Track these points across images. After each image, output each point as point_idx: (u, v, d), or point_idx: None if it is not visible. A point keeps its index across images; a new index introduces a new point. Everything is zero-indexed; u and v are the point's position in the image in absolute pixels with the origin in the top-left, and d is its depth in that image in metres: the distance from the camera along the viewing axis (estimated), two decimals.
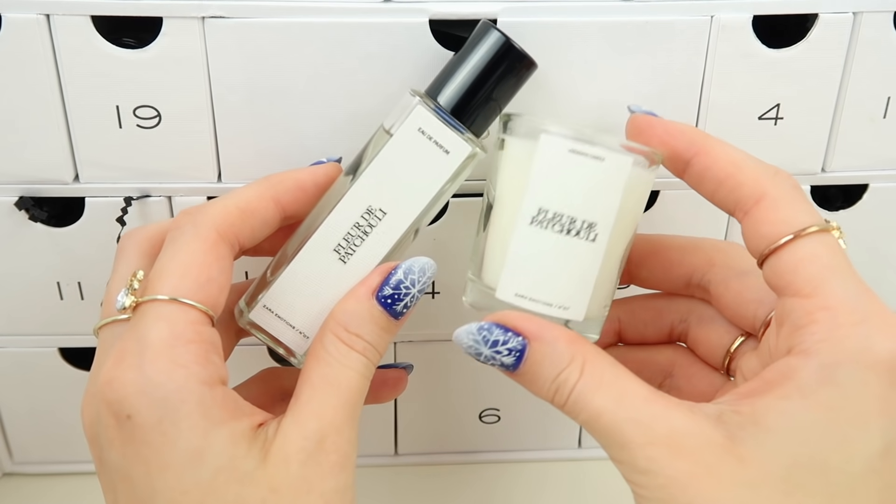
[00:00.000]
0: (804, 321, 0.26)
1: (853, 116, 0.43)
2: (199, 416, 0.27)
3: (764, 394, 0.26)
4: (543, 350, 0.28)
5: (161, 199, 0.43)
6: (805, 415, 0.25)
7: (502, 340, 0.28)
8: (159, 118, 0.40)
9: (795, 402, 0.25)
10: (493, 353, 0.28)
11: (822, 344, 0.25)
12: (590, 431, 0.27)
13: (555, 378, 0.28)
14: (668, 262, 0.35)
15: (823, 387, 0.25)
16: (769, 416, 0.25)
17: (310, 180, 0.35)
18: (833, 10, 0.40)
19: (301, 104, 0.40)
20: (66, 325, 0.46)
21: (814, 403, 0.25)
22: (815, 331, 0.26)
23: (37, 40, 0.38)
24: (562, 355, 0.28)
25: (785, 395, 0.25)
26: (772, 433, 0.25)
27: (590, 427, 0.27)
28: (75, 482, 0.50)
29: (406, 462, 0.52)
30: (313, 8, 0.38)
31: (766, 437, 0.25)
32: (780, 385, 0.26)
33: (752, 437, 0.25)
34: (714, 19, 0.40)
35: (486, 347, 0.29)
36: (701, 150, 0.31)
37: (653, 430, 0.26)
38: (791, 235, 0.27)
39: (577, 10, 0.39)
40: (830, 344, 0.25)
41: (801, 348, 0.26)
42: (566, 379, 0.27)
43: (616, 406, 0.27)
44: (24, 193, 0.42)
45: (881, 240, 0.47)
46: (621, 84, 0.41)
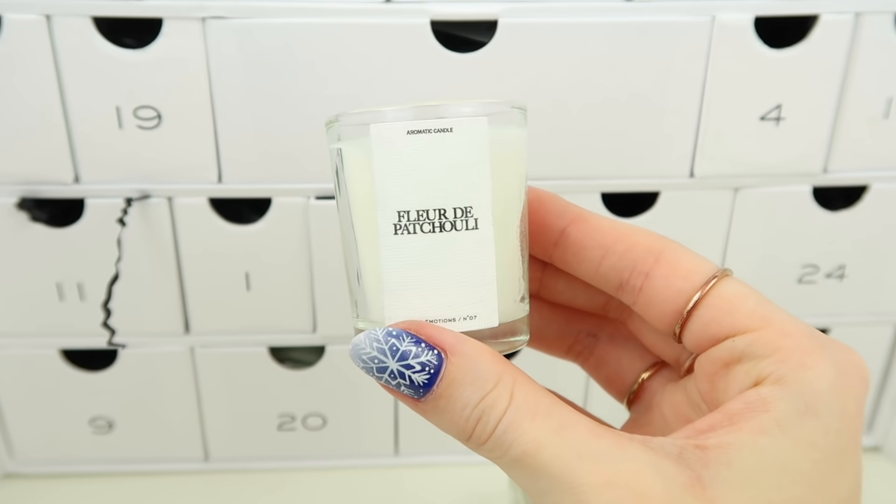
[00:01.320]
0: (768, 350, 0.23)
1: (854, 117, 0.43)
2: None
3: (732, 428, 0.22)
4: (464, 367, 0.23)
5: (161, 199, 0.43)
6: (786, 454, 0.22)
7: (414, 353, 0.23)
8: (160, 119, 0.40)
9: (775, 438, 0.22)
10: (402, 369, 0.23)
11: (797, 371, 0.23)
12: (520, 472, 0.22)
13: (477, 403, 0.23)
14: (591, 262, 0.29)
15: (805, 419, 0.22)
16: (743, 454, 0.22)
17: None
18: (834, 11, 0.40)
19: (301, 105, 0.40)
20: (67, 326, 0.46)
21: (795, 439, 0.22)
22: (786, 357, 0.23)
23: (37, 41, 0.38)
24: (487, 374, 0.23)
25: (761, 430, 0.22)
26: (746, 473, 0.22)
27: (523, 465, 0.22)
28: (75, 482, 0.50)
29: (407, 462, 0.52)
30: (314, 9, 0.38)
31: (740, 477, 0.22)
32: (751, 418, 0.22)
33: (722, 479, 0.22)
34: (715, 20, 0.40)
35: (393, 360, 0.23)
36: (577, 217, 0.27)
37: (610, 470, 0.21)
38: (712, 281, 0.25)
39: (577, 10, 0.39)
40: (806, 370, 0.23)
41: (773, 378, 0.23)
42: (493, 404, 0.22)
43: (558, 439, 0.22)
44: (24, 194, 0.42)
45: (881, 240, 0.47)
46: (622, 84, 0.41)
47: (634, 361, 0.30)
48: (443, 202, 0.24)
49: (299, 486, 0.50)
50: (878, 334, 0.50)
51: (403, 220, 0.24)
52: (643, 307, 0.26)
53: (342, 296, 0.46)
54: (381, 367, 0.23)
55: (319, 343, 0.48)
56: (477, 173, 0.24)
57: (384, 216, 0.24)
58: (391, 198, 0.24)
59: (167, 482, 0.50)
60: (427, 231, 0.24)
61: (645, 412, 0.29)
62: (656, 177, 0.43)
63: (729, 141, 0.43)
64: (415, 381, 0.23)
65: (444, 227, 0.24)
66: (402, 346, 0.23)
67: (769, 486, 0.22)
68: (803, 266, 0.47)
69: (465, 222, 0.24)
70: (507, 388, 0.23)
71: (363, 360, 0.24)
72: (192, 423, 0.50)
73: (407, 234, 0.24)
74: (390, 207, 0.24)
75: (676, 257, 0.26)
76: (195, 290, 0.45)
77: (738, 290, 0.25)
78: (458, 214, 0.24)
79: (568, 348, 0.32)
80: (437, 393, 0.23)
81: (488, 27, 0.39)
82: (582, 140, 0.42)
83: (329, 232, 0.44)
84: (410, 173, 0.24)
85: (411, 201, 0.24)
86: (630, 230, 0.27)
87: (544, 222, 0.28)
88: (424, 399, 0.23)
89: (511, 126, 0.25)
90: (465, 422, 0.23)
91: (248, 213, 0.45)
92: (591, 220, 0.27)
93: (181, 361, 0.47)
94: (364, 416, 0.50)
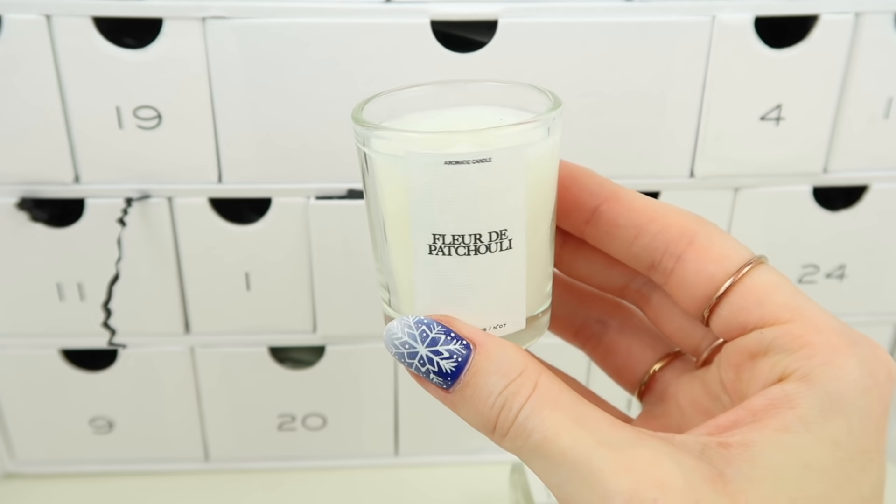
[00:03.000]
0: (796, 345, 0.23)
1: (854, 117, 0.43)
2: None
3: (756, 425, 0.22)
4: (492, 356, 0.23)
5: (161, 199, 0.43)
6: (810, 451, 0.22)
7: (443, 340, 0.24)
8: (160, 119, 0.40)
9: (799, 436, 0.22)
10: (431, 354, 0.24)
11: (824, 368, 0.23)
12: (540, 462, 0.23)
13: (502, 391, 0.23)
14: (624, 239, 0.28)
15: (830, 418, 0.22)
16: (766, 451, 0.22)
17: None
18: (834, 11, 0.40)
19: (302, 105, 0.40)
20: (67, 326, 0.46)
21: (819, 437, 0.22)
22: (813, 353, 0.23)
23: (38, 41, 0.38)
24: (513, 364, 0.23)
25: (785, 428, 0.22)
26: (769, 471, 0.22)
27: (542, 453, 0.22)
28: (75, 482, 0.50)
29: (407, 462, 0.52)
30: (314, 9, 0.38)
31: (763, 475, 0.22)
32: (775, 415, 0.22)
33: (745, 475, 0.21)
34: (715, 20, 0.40)
35: (423, 346, 0.24)
36: (610, 196, 0.27)
37: (629, 457, 0.21)
38: (745, 268, 0.24)
39: (577, 10, 0.39)
40: (833, 368, 0.22)
41: (799, 374, 0.23)
42: (516, 392, 0.23)
43: (578, 427, 0.22)
44: (24, 194, 0.42)
45: (881, 240, 0.47)
46: (622, 84, 0.41)
47: (645, 352, 0.30)
48: (478, 227, 0.24)
49: (299, 486, 0.50)
50: (878, 334, 0.50)
51: (438, 243, 0.24)
52: (673, 289, 0.26)
53: (342, 296, 0.46)
54: (412, 353, 0.24)
55: (319, 343, 0.48)
56: (514, 198, 0.24)
57: (418, 237, 0.24)
58: (426, 223, 0.24)
59: (167, 482, 0.50)
60: (462, 254, 0.24)
61: (659, 403, 0.29)
62: (656, 177, 0.43)
63: (729, 141, 0.43)
64: (443, 369, 0.24)
65: (478, 249, 0.24)
66: (433, 332, 0.24)
67: (792, 484, 0.21)
68: (803, 266, 0.47)
69: (499, 244, 0.24)
70: (531, 378, 0.23)
71: (395, 346, 0.24)
72: (192, 423, 0.50)
73: (441, 255, 0.24)
74: (426, 230, 0.24)
75: (711, 241, 0.25)
76: (195, 290, 0.45)
77: (771, 280, 0.24)
78: (493, 238, 0.24)
79: (575, 332, 0.31)
80: (465, 381, 0.24)
81: (488, 27, 0.39)
82: (582, 140, 0.42)
83: (329, 232, 0.44)
84: (447, 202, 0.23)
85: (447, 227, 0.24)
86: (665, 210, 0.26)
87: (577, 200, 0.27)
88: (452, 389, 0.24)
89: (548, 135, 0.25)
90: (490, 410, 0.23)
91: (248, 213, 0.45)
92: (625, 199, 0.27)
93: (181, 361, 0.47)
94: (364, 416, 0.50)
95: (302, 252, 0.44)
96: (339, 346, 0.48)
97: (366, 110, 0.25)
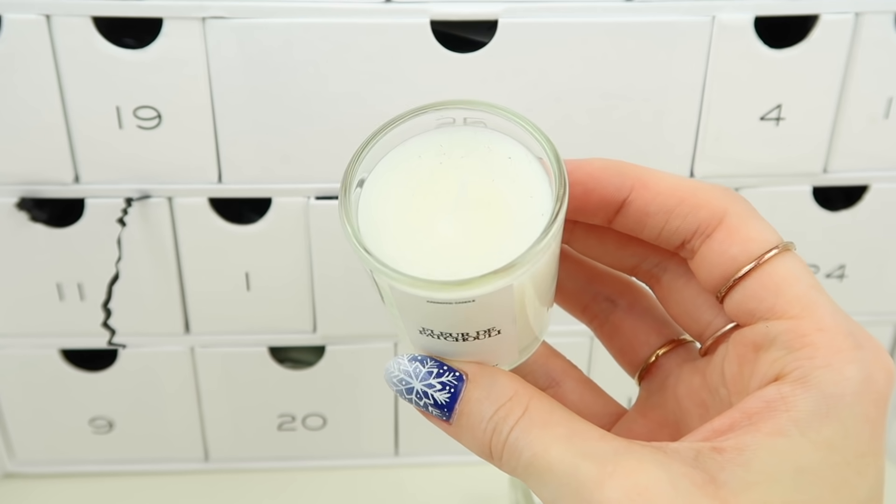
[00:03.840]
0: (798, 344, 0.23)
1: (854, 117, 0.43)
2: None
3: (749, 429, 0.22)
4: (482, 384, 0.24)
5: (161, 199, 0.43)
6: (804, 455, 0.22)
7: (436, 373, 0.25)
8: (160, 119, 0.40)
9: (793, 439, 0.22)
10: (426, 388, 0.25)
11: (822, 371, 0.22)
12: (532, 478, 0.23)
13: (492, 416, 0.24)
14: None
15: (825, 422, 0.22)
16: (760, 455, 0.22)
17: None
18: (834, 11, 0.40)
19: (302, 105, 0.40)
20: (67, 326, 0.46)
21: (814, 441, 0.22)
22: (814, 355, 0.23)
23: (37, 41, 0.38)
24: (503, 389, 0.24)
25: (779, 431, 0.22)
26: (763, 475, 0.21)
27: (533, 470, 0.23)
28: (76, 482, 0.50)
29: (407, 462, 0.52)
30: (314, 9, 0.38)
31: (756, 479, 0.21)
32: (769, 418, 0.22)
33: (739, 480, 0.21)
34: (715, 20, 0.40)
35: (417, 381, 0.25)
36: (637, 182, 0.26)
37: (612, 466, 0.21)
38: (769, 254, 0.24)
39: (577, 10, 0.39)
40: (832, 371, 0.22)
41: (796, 375, 0.23)
42: (506, 415, 0.24)
43: (566, 443, 0.22)
44: (24, 194, 0.42)
45: (882, 240, 0.47)
46: (623, 85, 0.41)
47: (651, 335, 0.30)
48: (467, 329, 0.24)
49: (299, 486, 0.50)
50: (878, 334, 0.50)
51: (427, 332, 0.25)
52: (696, 266, 0.26)
53: (342, 296, 0.46)
54: (409, 388, 0.25)
55: (319, 343, 0.48)
56: (502, 316, 0.24)
57: (410, 325, 0.25)
58: (414, 323, 0.25)
59: (167, 482, 0.50)
60: (450, 341, 0.25)
61: (657, 391, 0.29)
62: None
63: (729, 141, 0.43)
64: (438, 401, 0.25)
65: (466, 338, 0.25)
66: (425, 367, 0.25)
67: (786, 488, 0.21)
68: None
69: (487, 333, 0.24)
70: (521, 402, 0.24)
71: (393, 382, 0.26)
72: (192, 423, 0.50)
73: (432, 338, 0.25)
74: (415, 325, 0.25)
75: (740, 221, 0.25)
76: (195, 290, 0.45)
77: (791, 271, 0.24)
78: (480, 335, 0.24)
79: (584, 308, 0.31)
80: (459, 411, 0.25)
81: (488, 27, 0.39)
82: (582, 140, 0.42)
83: (329, 232, 0.44)
84: (432, 320, 0.24)
85: (435, 327, 0.24)
86: (694, 188, 0.26)
87: (602, 199, 0.27)
88: (451, 420, 0.25)
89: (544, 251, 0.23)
90: (483, 434, 0.24)
91: (248, 213, 0.44)
92: (651, 185, 0.26)
93: (181, 361, 0.47)
94: (364, 416, 0.50)
95: (302, 252, 0.44)
96: (339, 346, 0.48)
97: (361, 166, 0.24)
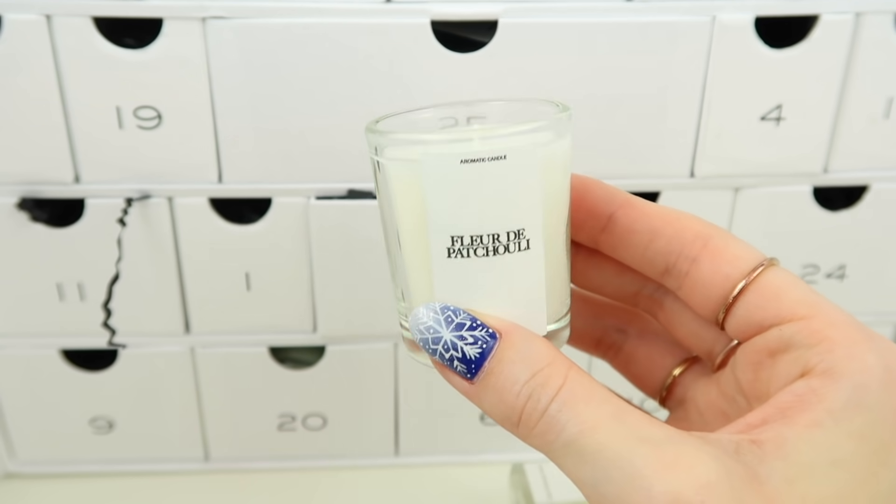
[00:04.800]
0: (815, 339, 0.23)
1: (854, 117, 0.43)
2: None
3: (785, 421, 0.22)
4: (517, 345, 0.23)
5: (162, 199, 0.43)
6: (839, 447, 0.21)
7: (469, 325, 0.23)
8: (160, 119, 0.40)
9: (829, 430, 0.21)
10: (455, 339, 0.23)
11: (847, 361, 0.22)
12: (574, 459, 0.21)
13: (528, 380, 0.22)
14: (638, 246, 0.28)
15: (857, 411, 0.22)
16: (799, 448, 0.21)
17: None
18: (834, 11, 0.40)
19: (302, 105, 0.40)
20: (67, 326, 0.46)
21: (848, 432, 0.22)
22: (834, 347, 0.23)
23: (38, 41, 0.38)
24: (539, 355, 0.23)
25: (816, 423, 0.22)
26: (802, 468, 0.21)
27: (578, 449, 0.21)
28: (76, 482, 0.50)
29: (407, 463, 0.52)
30: (314, 9, 0.38)
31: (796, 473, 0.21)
32: (804, 410, 0.22)
33: (779, 474, 0.21)
34: (716, 20, 0.40)
35: (448, 330, 0.23)
36: (624, 203, 0.27)
37: (672, 454, 0.20)
38: (759, 269, 0.25)
39: (577, 10, 0.39)
40: (856, 361, 0.22)
41: (822, 368, 0.23)
42: (544, 382, 0.22)
43: (616, 422, 0.21)
44: (24, 194, 0.42)
45: (882, 240, 0.47)
46: (623, 84, 0.41)
47: (665, 357, 0.30)
48: (496, 227, 0.23)
49: (299, 486, 0.50)
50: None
51: (457, 245, 0.24)
52: (688, 292, 0.26)
53: (342, 296, 0.46)
54: (436, 338, 0.24)
55: (319, 343, 0.48)
56: (529, 196, 0.24)
57: (437, 241, 0.24)
58: (444, 224, 0.24)
59: (167, 482, 0.50)
60: (481, 255, 0.24)
61: (680, 408, 0.29)
62: (657, 176, 0.43)
63: (729, 141, 0.43)
64: (467, 355, 0.23)
65: (497, 250, 0.24)
66: (458, 318, 0.24)
67: (822, 480, 0.21)
68: (803, 266, 0.47)
69: (517, 244, 0.24)
70: (560, 371, 0.22)
71: (420, 331, 0.24)
72: (192, 423, 0.50)
73: (460, 257, 0.24)
74: (444, 233, 0.24)
75: (725, 243, 0.26)
76: (195, 290, 0.45)
77: (786, 279, 0.25)
78: (510, 238, 0.24)
79: (597, 343, 0.31)
80: (488, 369, 0.23)
81: (489, 27, 0.39)
82: (582, 140, 0.42)
83: (329, 232, 0.44)
84: (464, 201, 0.23)
85: (465, 228, 0.23)
86: (678, 215, 0.27)
87: (592, 209, 0.27)
88: (476, 378, 0.23)
89: (559, 137, 0.25)
90: (515, 399, 0.22)
91: (248, 213, 0.45)
92: (639, 205, 0.27)
93: (181, 361, 0.47)
94: (364, 416, 0.50)
95: (302, 252, 0.44)
96: (339, 346, 0.48)
97: (379, 124, 0.26)
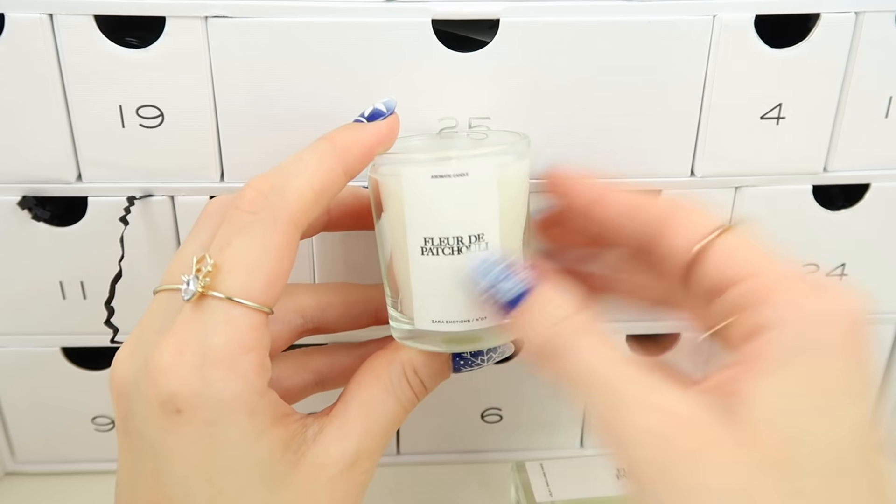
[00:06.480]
0: (762, 294, 0.26)
1: (855, 116, 0.43)
2: (248, 424, 0.27)
3: (747, 373, 0.25)
4: (554, 290, 0.28)
5: (164, 198, 0.43)
6: (789, 390, 0.24)
7: (519, 265, 0.29)
8: (162, 118, 0.40)
9: (778, 377, 0.25)
10: (504, 274, 0.29)
11: (790, 310, 0.25)
12: (575, 388, 0.27)
13: (557, 322, 0.27)
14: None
15: (803, 356, 0.25)
16: (756, 395, 0.25)
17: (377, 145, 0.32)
18: (835, 10, 0.40)
19: (304, 103, 0.41)
20: (69, 325, 0.46)
21: (794, 377, 0.25)
22: (779, 300, 0.26)
23: (40, 40, 0.38)
24: (570, 303, 0.28)
25: (767, 371, 0.25)
26: (762, 412, 0.24)
27: (582, 380, 0.26)
28: (77, 481, 0.50)
29: (408, 461, 0.52)
30: (316, 8, 0.39)
31: (758, 416, 0.24)
32: (759, 362, 0.25)
33: (745, 419, 0.24)
34: (716, 19, 0.40)
35: (497, 268, 0.29)
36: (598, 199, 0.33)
37: (656, 396, 0.25)
38: (716, 232, 0.28)
39: (578, 9, 0.39)
40: (799, 310, 0.25)
41: (771, 320, 0.25)
42: (570, 326, 0.27)
43: (617, 364, 0.26)
44: (26, 193, 0.42)
45: (882, 240, 0.47)
46: (623, 84, 0.41)
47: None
48: (460, 231, 0.30)
49: None
50: (878, 334, 0.50)
51: (429, 245, 0.30)
52: (659, 268, 0.30)
53: None
54: (494, 263, 0.29)
55: (319, 343, 0.48)
56: (487, 207, 0.30)
57: (412, 241, 0.30)
58: (418, 227, 0.30)
59: None
60: (448, 253, 0.30)
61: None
62: (657, 176, 0.44)
63: (729, 140, 0.43)
64: (515, 283, 0.29)
65: (461, 250, 0.30)
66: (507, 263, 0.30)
67: (782, 421, 0.24)
68: (804, 265, 0.47)
69: (478, 245, 0.30)
70: (584, 318, 0.28)
71: (480, 259, 0.30)
72: None
73: (431, 255, 0.30)
74: (418, 234, 0.30)
75: (686, 216, 0.29)
76: None
77: (738, 241, 0.28)
78: (472, 240, 0.30)
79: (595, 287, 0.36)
80: (524, 306, 0.28)
81: (490, 26, 0.40)
82: (582, 140, 0.42)
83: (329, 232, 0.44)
84: (434, 209, 0.30)
85: (435, 230, 0.30)
86: (640, 202, 0.32)
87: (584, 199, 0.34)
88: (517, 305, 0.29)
89: (519, 159, 0.32)
90: (542, 333, 0.28)
91: None
92: (608, 200, 0.33)
93: None
94: None
95: (302, 251, 0.44)
96: None
97: None
